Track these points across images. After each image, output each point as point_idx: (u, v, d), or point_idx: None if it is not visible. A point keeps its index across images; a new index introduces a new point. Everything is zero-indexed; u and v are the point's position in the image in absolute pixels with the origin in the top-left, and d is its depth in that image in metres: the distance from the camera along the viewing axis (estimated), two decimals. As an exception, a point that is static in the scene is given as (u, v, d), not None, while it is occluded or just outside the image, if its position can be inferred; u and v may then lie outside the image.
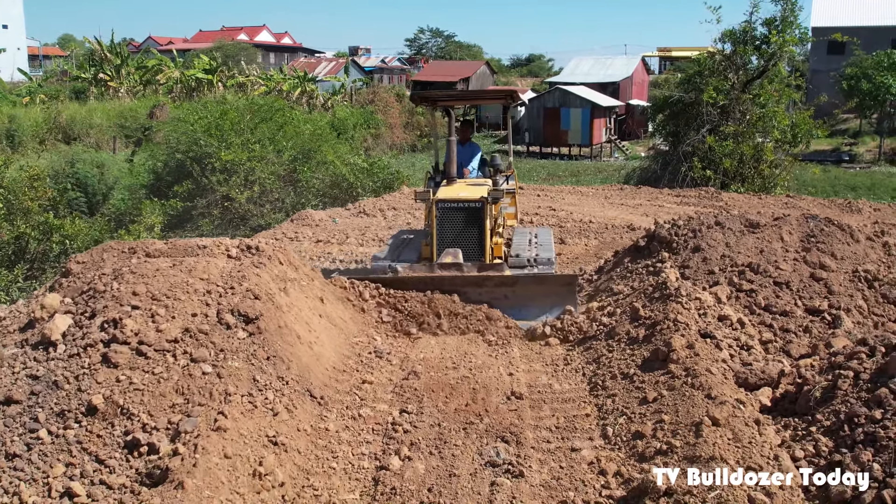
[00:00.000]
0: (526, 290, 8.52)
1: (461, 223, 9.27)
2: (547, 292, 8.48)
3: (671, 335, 6.60)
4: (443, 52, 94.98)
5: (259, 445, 5.23)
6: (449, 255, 9.00)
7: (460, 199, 9.31)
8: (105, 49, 54.35)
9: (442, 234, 9.26)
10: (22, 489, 4.71)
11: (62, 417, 5.18)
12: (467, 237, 9.26)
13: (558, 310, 8.35)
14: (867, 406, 5.21)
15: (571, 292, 8.52)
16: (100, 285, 6.53)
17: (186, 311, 6.23)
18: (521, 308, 8.43)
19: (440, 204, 9.26)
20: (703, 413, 5.45)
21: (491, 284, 8.54)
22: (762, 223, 9.05)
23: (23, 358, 5.99)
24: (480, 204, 9.21)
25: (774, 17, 23.03)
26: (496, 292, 8.52)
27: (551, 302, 8.41)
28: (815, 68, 49.93)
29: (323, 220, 16.30)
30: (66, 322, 6.27)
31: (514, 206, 10.86)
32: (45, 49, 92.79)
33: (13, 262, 12.65)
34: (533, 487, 5.18)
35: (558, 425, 6.09)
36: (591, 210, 17.85)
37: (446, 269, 8.75)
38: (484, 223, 9.21)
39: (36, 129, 36.80)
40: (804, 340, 7.33)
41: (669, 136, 26.52)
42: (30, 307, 6.92)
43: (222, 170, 18.94)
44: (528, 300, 8.46)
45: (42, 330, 6.19)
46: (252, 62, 65.16)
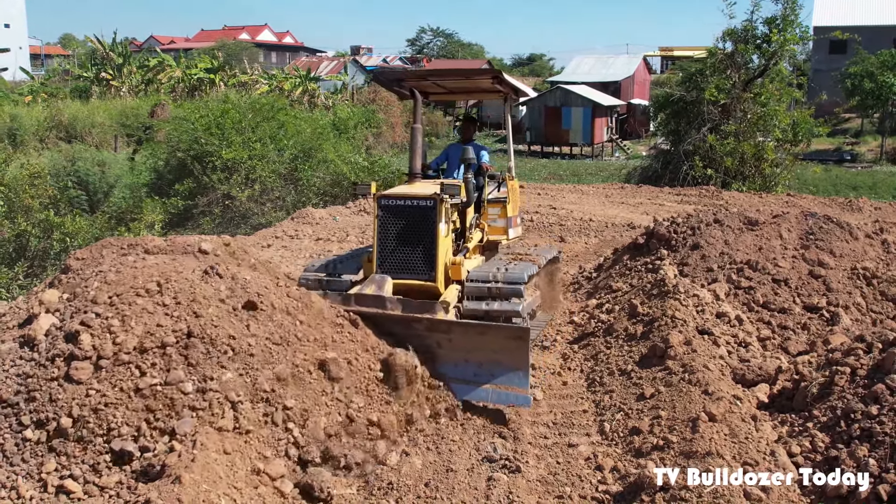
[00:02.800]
0: (465, 341, 6.29)
1: (407, 226, 7.28)
2: (492, 346, 6.16)
3: (669, 332, 6.62)
4: (444, 52, 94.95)
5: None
6: (373, 283, 6.97)
7: (406, 196, 7.36)
8: (107, 48, 54.37)
9: (384, 242, 7.29)
10: (20, 483, 4.72)
11: (41, 426, 5.12)
12: (414, 248, 7.27)
13: (505, 376, 6.11)
14: (864, 402, 5.22)
15: (523, 349, 6.06)
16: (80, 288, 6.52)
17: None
18: (458, 365, 6.27)
19: (382, 202, 7.33)
20: (700, 409, 5.47)
21: (421, 328, 6.41)
22: (761, 221, 9.06)
23: (13, 355, 6.00)
24: (431, 203, 7.17)
25: (775, 16, 23.03)
26: (429, 339, 6.38)
27: (495, 361, 6.12)
28: (817, 67, 49.84)
29: (323, 218, 16.31)
30: (49, 321, 6.25)
31: (506, 219, 8.76)
32: (46, 48, 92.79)
33: (14, 260, 12.67)
34: (530, 483, 5.19)
35: (555, 421, 6.11)
36: (591, 208, 17.85)
37: (364, 303, 6.63)
38: (435, 229, 7.16)
39: (38, 128, 36.83)
40: (802, 337, 7.35)
41: (670, 134, 26.50)
42: (29, 303, 6.94)
43: (223, 168, 18.95)
44: (467, 353, 6.26)
45: (28, 330, 6.19)
46: (254, 61, 65.17)
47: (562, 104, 45.39)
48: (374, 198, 7.42)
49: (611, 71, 58.34)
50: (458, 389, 6.25)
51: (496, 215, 8.75)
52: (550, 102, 46.11)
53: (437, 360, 6.33)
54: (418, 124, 8.32)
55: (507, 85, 8.78)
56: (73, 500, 4.64)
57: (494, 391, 6.12)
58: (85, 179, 21.22)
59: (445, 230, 7.32)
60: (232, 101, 22.32)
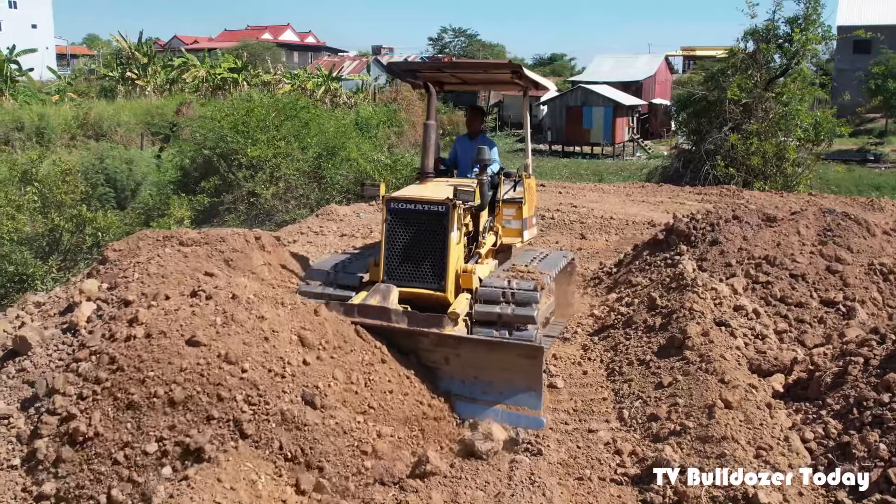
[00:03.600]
0: (474, 358, 6.18)
1: (417, 233, 6.89)
2: (503, 364, 6.04)
3: (687, 323, 6.80)
4: (465, 52, 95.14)
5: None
6: (378, 293, 6.65)
7: (417, 200, 6.94)
8: (132, 48, 55.09)
9: (392, 248, 6.91)
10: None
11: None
12: (423, 256, 6.87)
13: (516, 396, 6.01)
14: (876, 390, 5.38)
15: (536, 368, 5.96)
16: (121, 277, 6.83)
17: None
18: (465, 382, 6.17)
19: (391, 206, 6.96)
20: (716, 396, 5.66)
21: (427, 343, 6.29)
22: (779, 217, 9.19)
23: (56, 341, 6.31)
24: (443, 209, 6.77)
25: (797, 16, 23.02)
26: (435, 354, 6.26)
27: (507, 379, 6.04)
28: (841, 67, 49.51)
29: (347, 214, 16.55)
30: (90, 308, 6.57)
31: (521, 220, 8.22)
32: (72, 48, 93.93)
33: (47, 254, 13.02)
34: (551, 465, 5.40)
35: (576, 408, 6.31)
36: (612, 207, 17.97)
37: (367, 315, 6.40)
38: (446, 237, 6.76)
39: (65, 127, 37.44)
40: (819, 331, 7.48)
41: (692, 134, 26.53)
42: (68, 293, 7.24)
43: (248, 166, 19.24)
44: (476, 371, 6.14)
45: (70, 317, 6.51)
46: (277, 61, 65.71)
47: (583, 104, 45.43)
48: (383, 201, 7.02)
49: (632, 71, 58.21)
50: (465, 408, 6.10)
51: (511, 216, 8.21)
52: (571, 102, 46.15)
53: (443, 377, 6.20)
54: (432, 121, 7.94)
55: (526, 79, 8.25)
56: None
57: (504, 412, 6.01)
58: (113, 177, 21.67)
59: (458, 237, 6.94)
60: (256, 100, 22.65)
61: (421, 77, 8.52)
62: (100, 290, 6.78)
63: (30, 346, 6.21)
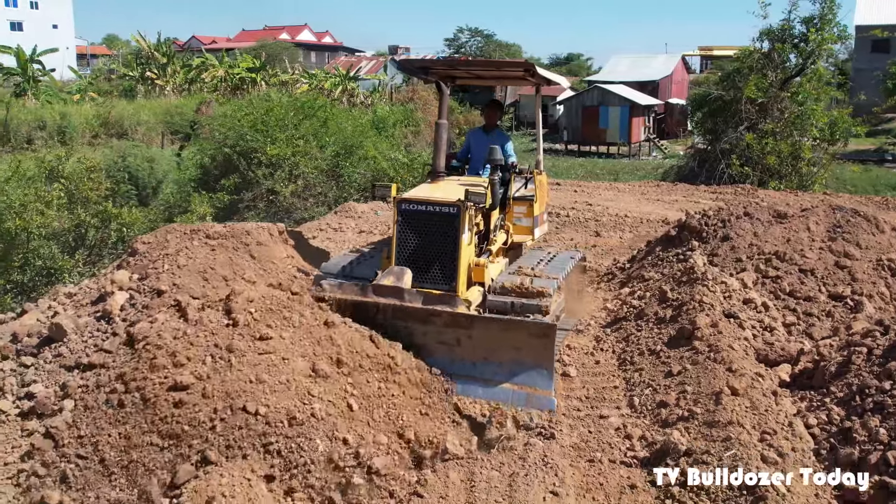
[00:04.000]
0: (486, 338, 6.18)
1: (428, 234, 6.94)
2: (515, 344, 6.09)
3: (696, 315, 7.00)
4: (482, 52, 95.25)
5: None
6: (392, 275, 6.75)
7: (428, 202, 6.98)
8: (151, 48, 55.72)
9: (403, 249, 6.97)
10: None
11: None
12: (434, 256, 6.92)
13: (527, 376, 6.07)
14: (878, 379, 5.58)
15: (548, 348, 6.04)
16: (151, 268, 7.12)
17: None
18: (478, 364, 6.19)
19: (402, 206, 7.00)
20: (724, 384, 5.87)
21: (439, 323, 6.30)
22: (790, 214, 9.37)
23: (90, 328, 6.61)
24: (454, 211, 6.82)
25: (813, 16, 23.12)
26: (447, 334, 6.27)
27: (518, 359, 6.09)
28: (859, 67, 49.34)
29: (365, 212, 16.84)
30: (123, 297, 6.87)
31: (532, 218, 8.30)
32: (91, 48, 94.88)
33: (74, 249, 13.36)
34: (563, 448, 5.64)
35: (588, 396, 6.54)
36: (626, 205, 18.15)
37: (381, 294, 6.50)
38: (457, 239, 6.82)
39: (86, 126, 38.02)
40: (826, 324, 7.66)
41: (707, 133, 26.65)
42: (100, 283, 7.54)
43: (268, 164, 19.54)
44: (488, 351, 6.17)
45: (104, 306, 6.81)
46: (294, 61, 66.21)
47: (599, 103, 45.53)
48: (394, 202, 7.05)
49: (649, 70, 58.19)
50: (476, 390, 6.15)
51: (522, 214, 8.29)
52: (588, 102, 46.27)
53: (455, 358, 6.23)
54: (443, 119, 8.02)
55: (538, 76, 8.31)
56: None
57: (515, 392, 6.05)
58: (135, 175, 22.06)
59: (468, 238, 6.99)
60: (275, 100, 22.96)
61: (433, 74, 8.56)
62: (131, 281, 7.08)
63: (65, 333, 6.50)
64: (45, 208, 12.15)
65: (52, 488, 5.07)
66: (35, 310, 7.52)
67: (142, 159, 23.41)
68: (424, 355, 6.27)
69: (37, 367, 6.29)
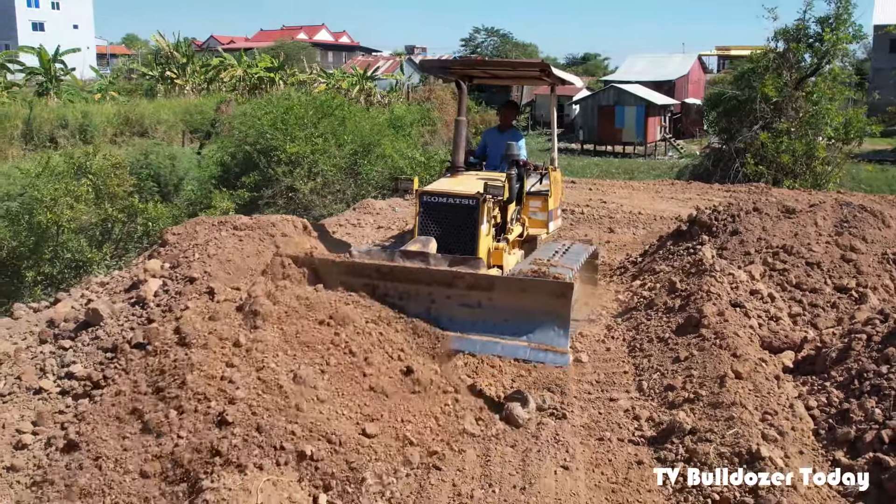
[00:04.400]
0: (506, 298, 6.42)
1: (449, 223, 7.40)
2: (533, 303, 6.33)
3: (703, 304, 7.28)
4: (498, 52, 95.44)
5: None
6: (418, 242, 7.19)
7: (450, 194, 7.48)
8: (171, 47, 56.38)
9: (424, 234, 7.42)
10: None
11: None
12: (454, 243, 7.31)
13: (543, 333, 6.31)
14: (876, 363, 5.85)
15: (565, 306, 6.26)
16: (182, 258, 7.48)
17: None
18: (498, 324, 6.43)
19: (424, 199, 7.51)
20: (728, 368, 6.15)
21: (462, 286, 6.51)
22: (798, 209, 9.63)
23: (126, 312, 6.97)
24: (474, 202, 7.31)
25: (828, 16, 23.22)
26: (469, 297, 6.50)
27: (535, 318, 6.33)
28: (878, 66, 49.25)
29: (383, 208, 17.17)
30: (157, 284, 7.24)
31: (547, 212, 8.74)
32: (111, 48, 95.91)
33: (101, 243, 13.78)
34: (574, 427, 5.93)
35: (598, 380, 6.82)
36: (640, 203, 18.39)
37: (409, 258, 6.80)
38: (476, 229, 7.31)
39: (107, 124, 38.64)
40: (831, 315, 7.92)
41: (722, 132, 26.80)
42: (132, 272, 7.91)
43: (287, 162, 19.91)
44: (507, 311, 6.40)
45: (138, 292, 7.17)
46: (312, 61, 66.76)
47: (615, 103, 45.69)
48: (416, 194, 7.54)
49: (665, 70, 58.25)
50: (496, 347, 6.40)
51: (537, 208, 8.73)
52: (603, 101, 46.44)
53: (477, 319, 6.45)
54: (462, 117, 8.54)
55: (553, 75, 8.86)
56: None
57: (532, 349, 6.30)
58: (157, 172, 22.48)
59: (487, 228, 7.45)
60: (294, 99, 23.34)
61: (452, 73, 9.08)
62: (163, 269, 7.44)
63: (101, 318, 6.87)
64: (75, 202, 12.55)
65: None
66: (68, 298, 7.92)
67: (163, 157, 23.83)
68: (446, 320, 6.52)
69: (75, 350, 6.65)
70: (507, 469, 5.38)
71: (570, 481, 5.24)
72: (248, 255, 7.45)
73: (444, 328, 6.46)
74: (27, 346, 6.99)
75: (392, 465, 5.26)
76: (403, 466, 5.29)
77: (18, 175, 14.37)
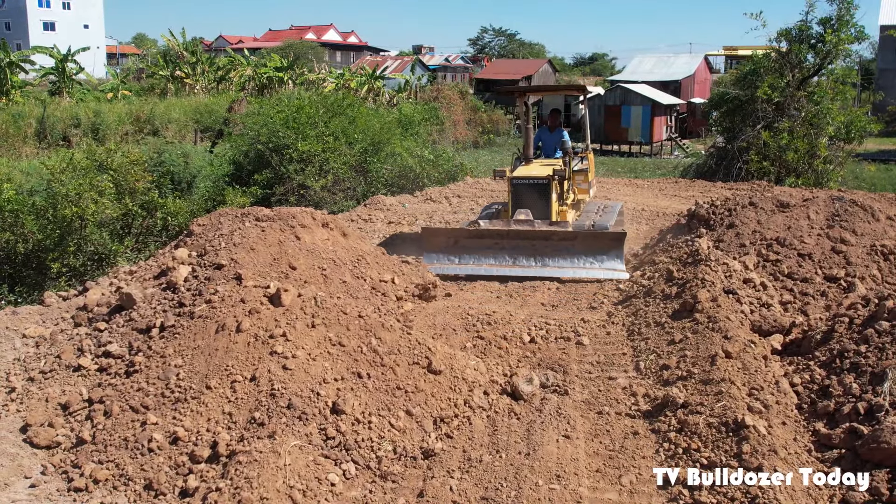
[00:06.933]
0: (585, 244, 10.37)
1: (532, 196, 11.26)
2: (600, 246, 10.31)
3: (698, 290, 7.73)
4: (505, 51, 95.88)
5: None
6: (522, 213, 11.07)
7: (530, 177, 11.46)
8: (181, 47, 56.96)
9: (516, 205, 11.38)
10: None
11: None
12: (536, 207, 11.18)
13: (608, 262, 10.24)
14: (856, 343, 6.28)
15: (619, 245, 10.26)
16: (209, 246, 7.95)
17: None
18: (579, 259, 10.36)
19: (514, 181, 11.51)
20: (719, 348, 6.60)
21: (556, 238, 10.44)
22: (792, 203, 10.05)
23: (157, 297, 7.44)
24: (546, 181, 11.30)
25: (830, 17, 23.53)
26: (560, 245, 10.41)
27: (602, 252, 10.29)
28: (884, 66, 49.53)
29: (393, 205, 17.66)
30: (186, 271, 7.71)
31: (588, 182, 13.07)
32: (121, 48, 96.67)
33: (122, 236, 14.27)
34: (575, 402, 6.40)
35: (598, 361, 7.29)
36: (644, 200, 18.84)
37: (520, 224, 10.80)
38: (550, 196, 11.26)
39: (119, 123, 39.19)
40: (821, 303, 8.36)
41: (725, 132, 27.16)
42: (159, 261, 8.40)
43: (299, 160, 20.40)
44: (586, 252, 10.34)
45: (169, 278, 7.65)
46: (320, 60, 67.32)
47: (621, 102, 46.07)
48: (507, 179, 11.58)
49: (671, 70, 58.63)
50: (580, 273, 10.26)
51: (581, 180, 12.87)
52: (610, 101, 46.81)
53: (565, 257, 10.38)
54: (529, 125, 13.38)
55: (586, 92, 13.72)
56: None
57: (602, 271, 10.18)
58: (171, 170, 23.01)
59: (555, 197, 11.40)
60: (305, 98, 23.83)
61: (518, 95, 14.08)
62: (190, 258, 7.91)
63: (134, 301, 7.35)
64: (99, 197, 13.03)
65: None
66: (97, 287, 8.42)
67: (177, 155, 24.35)
68: (546, 259, 10.51)
69: (110, 331, 7.12)
70: (513, 437, 5.85)
71: (570, 448, 5.70)
72: (270, 245, 7.89)
73: (545, 265, 10.47)
74: (61, 329, 7.49)
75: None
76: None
77: (44, 171, 14.87)
